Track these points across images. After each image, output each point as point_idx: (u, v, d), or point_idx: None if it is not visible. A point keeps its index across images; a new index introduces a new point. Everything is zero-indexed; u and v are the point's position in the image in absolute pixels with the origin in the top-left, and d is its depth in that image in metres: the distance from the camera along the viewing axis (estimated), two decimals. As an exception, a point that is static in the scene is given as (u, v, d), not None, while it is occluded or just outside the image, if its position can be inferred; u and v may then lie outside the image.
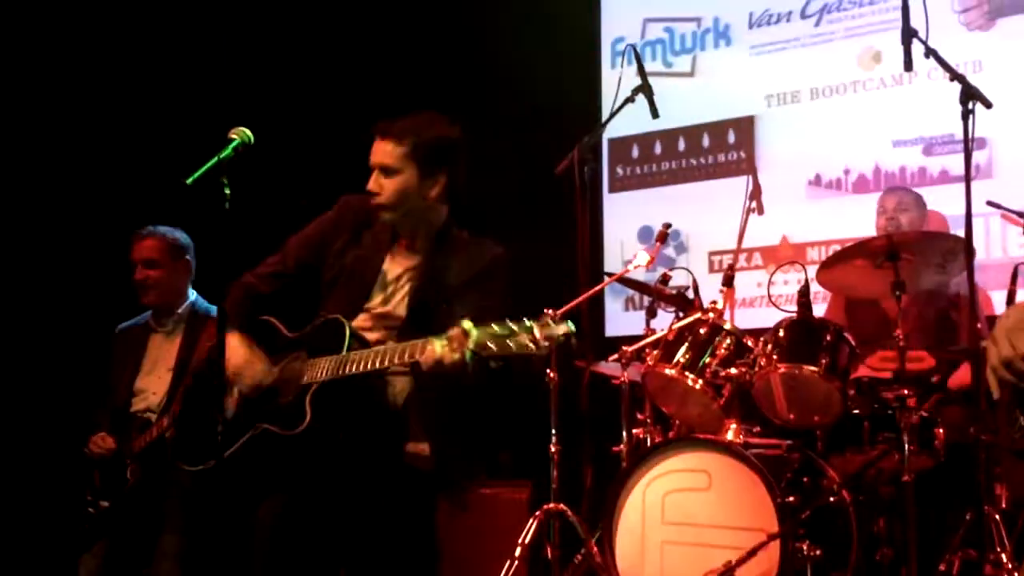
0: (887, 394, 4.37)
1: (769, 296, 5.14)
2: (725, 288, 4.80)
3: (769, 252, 6.31)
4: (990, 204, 4.86)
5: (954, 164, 5.71)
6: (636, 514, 4.33)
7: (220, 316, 3.29)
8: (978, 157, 5.41)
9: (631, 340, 5.04)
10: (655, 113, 5.23)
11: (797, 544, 4.03)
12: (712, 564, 4.01)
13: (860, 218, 5.82)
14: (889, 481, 4.36)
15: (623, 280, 5.24)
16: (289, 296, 3.80)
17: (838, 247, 6.03)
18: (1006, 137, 5.61)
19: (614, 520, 4.37)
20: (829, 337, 4.40)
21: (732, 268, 4.89)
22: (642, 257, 4.96)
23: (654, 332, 4.91)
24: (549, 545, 4.83)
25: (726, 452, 4.25)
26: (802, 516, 4.09)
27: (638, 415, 5.00)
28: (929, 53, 4.18)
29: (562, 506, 4.80)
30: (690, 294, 5.02)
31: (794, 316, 4.53)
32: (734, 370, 4.45)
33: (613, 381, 5.05)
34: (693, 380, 4.46)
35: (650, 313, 5.22)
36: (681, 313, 4.81)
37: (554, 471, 4.90)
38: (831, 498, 4.25)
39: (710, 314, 4.60)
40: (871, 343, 4.66)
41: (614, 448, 5.00)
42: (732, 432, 4.44)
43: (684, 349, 4.53)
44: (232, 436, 3.53)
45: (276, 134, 3.63)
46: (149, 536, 4.63)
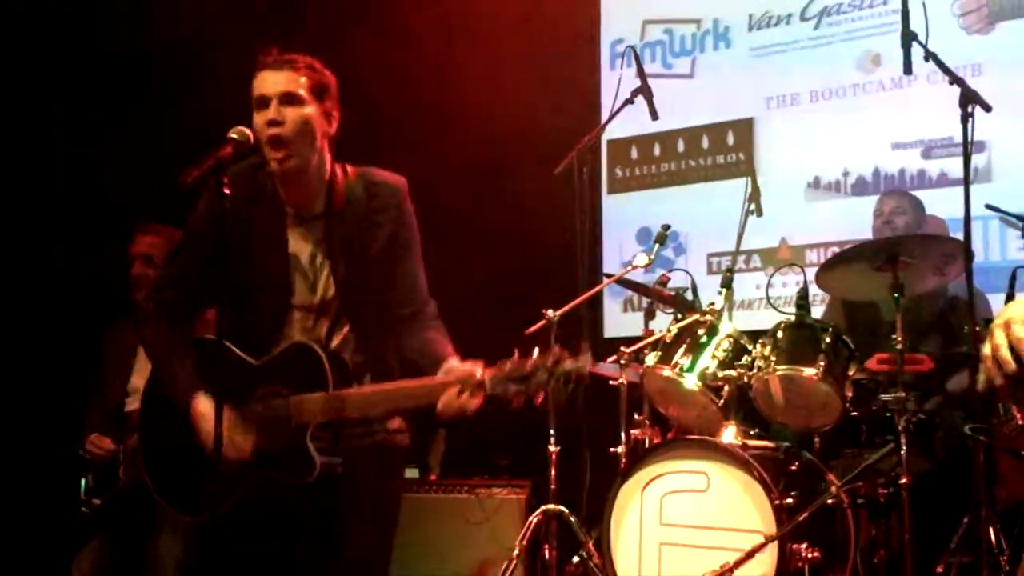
0: (885, 397, 4.38)
1: (768, 298, 5.14)
2: (724, 290, 4.79)
3: (768, 254, 6.31)
4: (989, 207, 4.86)
5: (953, 167, 5.71)
6: (634, 515, 4.33)
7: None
8: (977, 160, 5.41)
9: (630, 341, 5.04)
10: (654, 115, 5.25)
11: (795, 546, 4.04)
12: (710, 566, 4.01)
13: (859, 220, 5.82)
14: (887, 483, 4.37)
15: (622, 281, 5.25)
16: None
17: (837, 249, 6.05)
18: (1005, 140, 5.60)
19: (612, 521, 4.37)
20: (828, 339, 4.41)
21: (731, 270, 4.89)
22: (640, 258, 4.97)
23: (653, 333, 4.91)
24: (547, 546, 4.84)
25: (724, 454, 4.26)
26: (800, 518, 4.10)
27: (636, 416, 5.00)
28: (929, 56, 4.19)
29: (560, 507, 4.82)
30: (689, 296, 5.02)
31: (792, 318, 4.54)
32: (732, 372, 4.46)
33: (611, 382, 5.04)
34: (692, 382, 4.47)
35: (649, 315, 5.22)
36: (680, 315, 4.81)
37: (552, 472, 4.92)
38: (829, 500, 4.26)
39: (708, 316, 4.61)
40: (869, 346, 4.65)
41: (612, 449, 5.00)
42: (730, 434, 4.44)
43: (682, 351, 4.54)
44: (228, 485, 3.09)
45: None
46: (143, 535, 4.61)
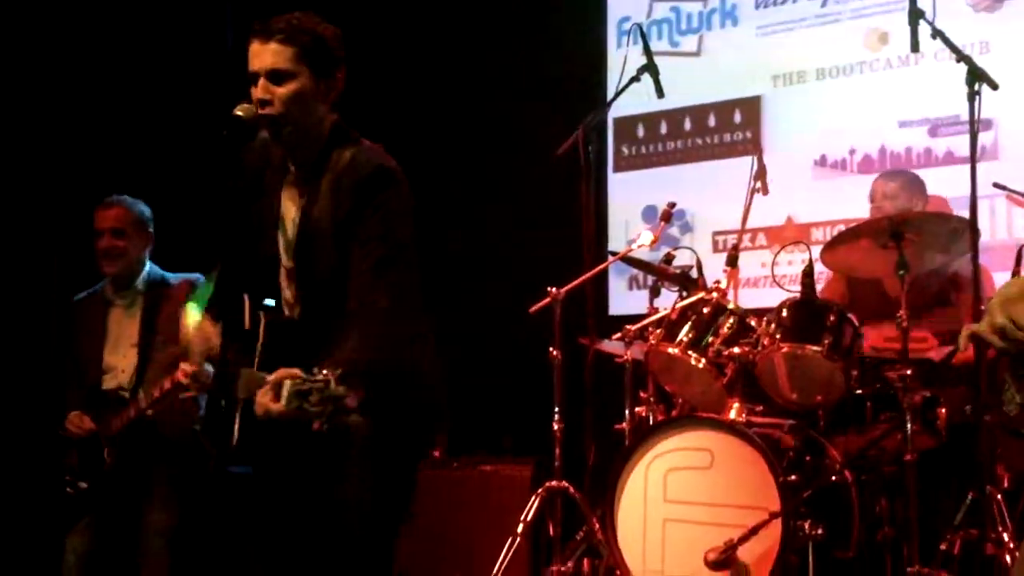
0: (890, 374, 4.38)
1: (773, 276, 5.14)
2: (729, 268, 4.80)
3: (774, 232, 6.30)
4: (996, 186, 4.85)
5: (960, 145, 5.68)
6: (638, 492, 4.34)
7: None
8: (984, 138, 5.39)
9: (634, 319, 5.05)
10: (660, 93, 5.24)
11: (799, 523, 4.05)
12: (714, 542, 4.03)
13: (865, 199, 5.81)
14: (891, 460, 4.38)
15: (627, 259, 5.26)
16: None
17: (843, 227, 6.05)
18: (1012, 118, 5.58)
19: (616, 498, 4.38)
20: (832, 317, 4.41)
21: (736, 248, 4.90)
22: (646, 236, 4.98)
23: (657, 311, 4.92)
24: (551, 522, 4.87)
25: (729, 431, 4.27)
26: (804, 495, 4.11)
27: (641, 393, 5.02)
28: (936, 34, 4.19)
29: (565, 483, 4.84)
30: (694, 273, 5.02)
31: (797, 296, 4.54)
32: (737, 349, 4.46)
33: (616, 360, 5.06)
34: (696, 359, 4.48)
35: (653, 292, 5.23)
36: (685, 292, 4.81)
37: (557, 449, 4.94)
38: (833, 477, 4.27)
39: (714, 294, 4.61)
40: (872, 322, 4.66)
41: (617, 426, 5.02)
42: (735, 411, 4.45)
43: (687, 328, 4.55)
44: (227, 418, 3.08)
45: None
46: (134, 513, 4.60)
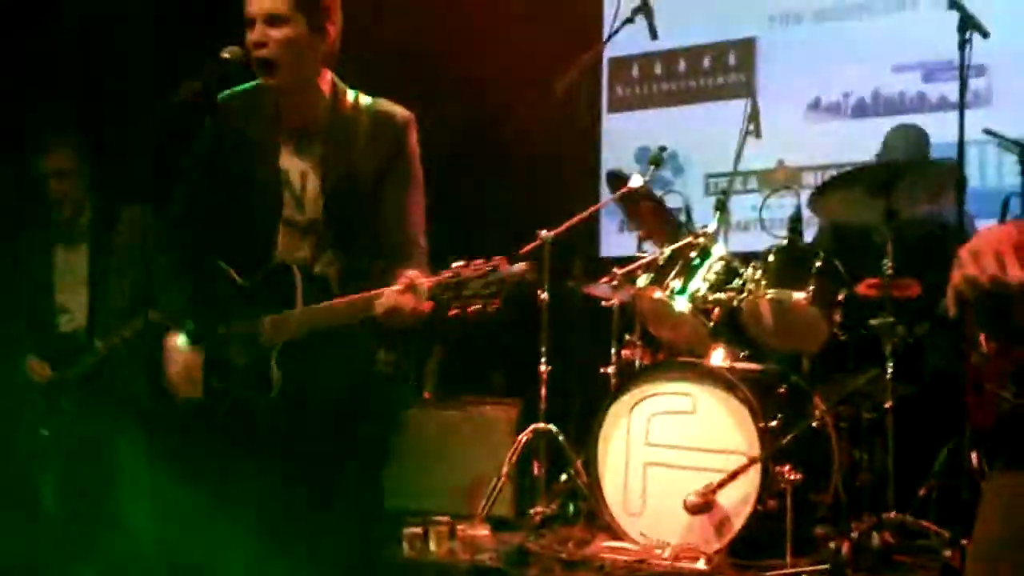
0: (874, 321, 4.40)
1: (761, 221, 5.13)
2: (718, 213, 4.80)
3: (765, 176, 6.29)
4: (987, 132, 4.84)
5: (953, 91, 5.60)
6: (621, 436, 4.38)
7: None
8: (976, 84, 5.37)
9: (625, 261, 5.06)
10: (654, 34, 5.22)
11: (778, 468, 4.09)
12: (694, 486, 4.07)
13: (859, 143, 5.79)
14: (872, 407, 4.41)
15: (617, 202, 5.25)
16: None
17: (835, 172, 6.04)
18: (1006, 64, 5.55)
19: (600, 441, 4.43)
20: (818, 264, 4.43)
21: (725, 193, 4.90)
22: (636, 180, 4.97)
23: (646, 255, 4.93)
24: (536, 463, 4.92)
25: (711, 377, 4.30)
26: (784, 441, 4.15)
27: (627, 336, 5.05)
28: (929, -24, 4.16)
29: (550, 426, 4.88)
30: (683, 218, 5.03)
31: (784, 242, 4.55)
32: (723, 295, 4.48)
33: (603, 303, 5.08)
34: (682, 304, 4.49)
35: (642, 237, 5.23)
36: (674, 236, 4.82)
37: (543, 391, 4.97)
38: (814, 423, 4.31)
39: (701, 239, 4.62)
40: (859, 270, 4.67)
41: (603, 369, 5.05)
42: (719, 356, 4.49)
43: (675, 273, 4.56)
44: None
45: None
46: (105, 455, 4.52)
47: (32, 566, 4.43)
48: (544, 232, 5.01)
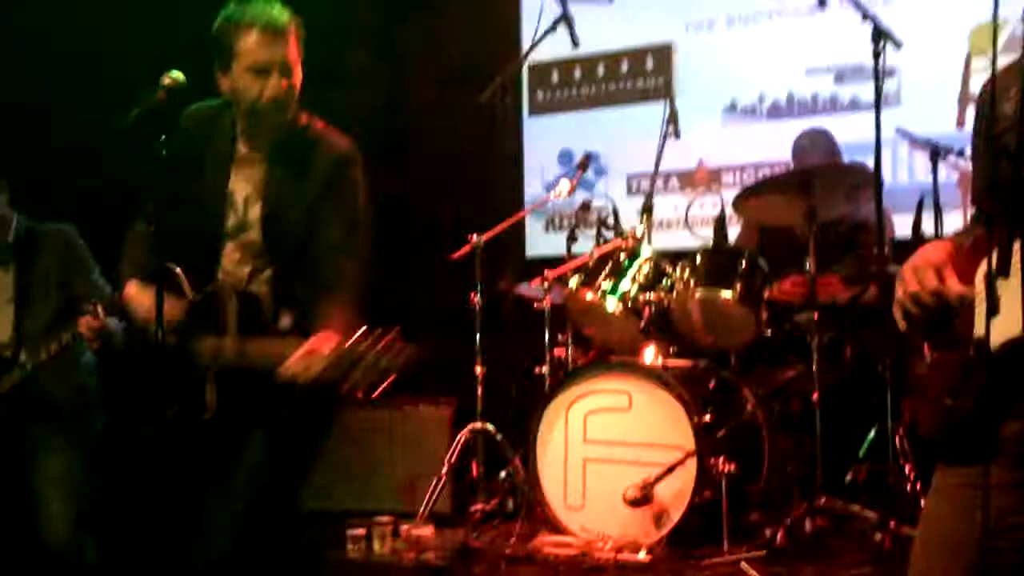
0: (798, 317, 4.58)
1: (687, 223, 5.30)
2: (644, 215, 4.93)
3: (686, 176, 6.48)
4: (899, 131, 5.05)
5: (864, 92, 5.85)
6: (559, 434, 4.50)
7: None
8: (887, 85, 5.54)
9: (552, 260, 5.17)
10: (575, 42, 5.32)
11: (712, 460, 4.24)
12: (632, 480, 4.20)
13: (774, 144, 6.00)
14: (800, 399, 4.59)
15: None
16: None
17: (752, 172, 6.25)
18: (914, 65, 5.72)
19: (538, 440, 4.54)
20: (744, 263, 4.60)
21: (651, 196, 5.01)
22: (564, 185, 5.11)
23: (575, 257, 5.06)
24: (475, 462, 5.02)
25: (645, 374, 4.44)
26: (717, 434, 4.31)
27: (559, 336, 5.17)
28: (843, -10, 4.33)
29: (487, 425, 4.99)
30: (610, 220, 5.16)
31: (711, 244, 4.71)
32: (653, 295, 4.63)
33: (535, 305, 5.19)
34: (613, 304, 4.63)
35: (571, 238, 5.35)
36: (602, 239, 4.95)
37: (479, 390, 5.08)
38: (744, 416, 4.47)
39: (630, 240, 4.76)
40: (782, 268, 4.85)
41: (536, 368, 5.17)
42: (651, 354, 4.63)
43: (605, 274, 4.69)
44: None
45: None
46: (24, 474, 4.45)
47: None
48: (475, 237, 5.12)
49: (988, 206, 2.49)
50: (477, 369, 5.11)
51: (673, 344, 4.75)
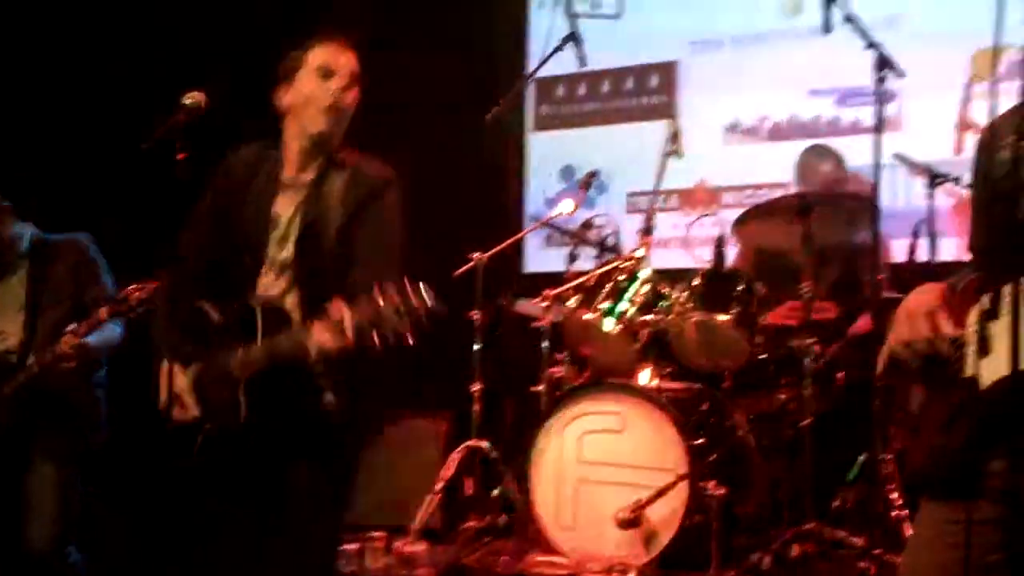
0: (794, 342, 4.62)
1: (686, 246, 5.33)
2: (644, 236, 4.97)
3: (686, 195, 6.50)
4: (897, 157, 5.07)
5: (866, 116, 5.84)
6: (554, 454, 4.54)
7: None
8: (888, 109, 5.58)
9: (551, 276, 5.20)
10: (583, 62, 5.37)
11: (704, 484, 4.28)
12: (625, 502, 4.25)
13: (775, 165, 6.04)
14: (791, 423, 4.63)
15: (547, 225, 5.41)
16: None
17: (752, 192, 6.28)
18: (916, 90, 5.70)
19: (533, 459, 4.58)
20: (740, 287, 4.63)
21: (651, 218, 5.05)
22: (567, 204, 5.16)
23: (575, 275, 5.08)
24: (468, 480, 5.06)
25: (640, 396, 4.48)
26: (710, 458, 4.34)
27: (557, 356, 5.20)
28: (848, 19, 4.37)
29: (482, 442, 5.02)
30: (611, 240, 5.19)
31: (708, 266, 4.75)
32: (650, 317, 4.66)
33: (533, 323, 5.23)
34: (611, 325, 4.66)
35: (572, 257, 5.38)
36: (602, 259, 4.99)
37: (476, 407, 5.11)
38: (736, 440, 4.51)
39: (630, 262, 4.80)
40: (779, 293, 4.89)
41: (533, 387, 5.20)
42: (646, 375, 4.67)
43: (604, 294, 4.72)
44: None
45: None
46: (20, 477, 4.50)
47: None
48: (477, 254, 5.15)
49: (982, 250, 2.54)
50: (474, 385, 5.14)
51: (669, 366, 4.79)
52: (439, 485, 4.97)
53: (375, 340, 2.92)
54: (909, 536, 2.51)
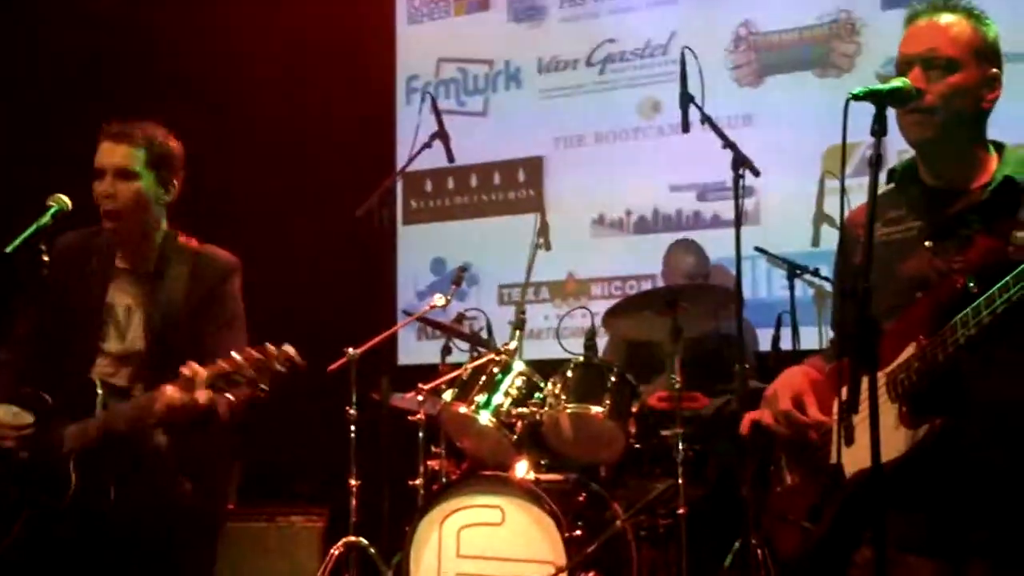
0: (664, 432, 4.73)
1: (559, 339, 5.44)
2: (517, 331, 5.04)
3: (556, 287, 6.63)
4: (757, 250, 5.28)
5: (725, 209, 6.09)
6: (433, 548, 4.54)
7: None
8: (747, 204, 5.80)
9: (424, 368, 5.23)
10: (451, 158, 5.47)
11: (583, 575, 4.32)
12: (505, 596, 4.27)
13: (641, 257, 6.23)
14: (666, 514, 4.72)
15: (421, 319, 5.46)
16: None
17: (620, 284, 6.44)
18: (771, 185, 5.93)
19: (412, 554, 4.57)
20: (613, 379, 4.73)
21: (523, 312, 5.13)
22: (439, 299, 5.22)
23: (450, 368, 5.13)
24: (347, 575, 5.02)
25: (518, 489, 4.51)
26: (588, 549, 4.39)
27: (433, 448, 5.22)
28: (705, 120, 4.54)
29: (361, 539, 5.00)
30: (484, 334, 5.27)
31: (580, 359, 4.84)
32: (525, 409, 4.72)
33: (409, 417, 5.25)
34: (487, 418, 4.71)
35: (446, 350, 5.44)
36: (476, 352, 5.05)
37: (353, 503, 5.10)
38: (614, 530, 4.57)
39: (503, 354, 4.87)
40: (649, 382, 5.01)
41: (410, 481, 5.20)
42: (523, 467, 4.70)
43: (478, 387, 4.77)
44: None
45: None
46: None
47: None
48: (351, 350, 5.17)
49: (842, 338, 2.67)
50: (351, 481, 5.13)
51: (545, 457, 4.84)
52: (317, 584, 4.93)
53: (228, 393, 3.04)
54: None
